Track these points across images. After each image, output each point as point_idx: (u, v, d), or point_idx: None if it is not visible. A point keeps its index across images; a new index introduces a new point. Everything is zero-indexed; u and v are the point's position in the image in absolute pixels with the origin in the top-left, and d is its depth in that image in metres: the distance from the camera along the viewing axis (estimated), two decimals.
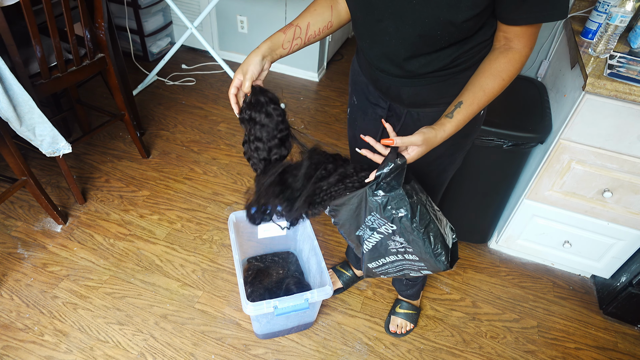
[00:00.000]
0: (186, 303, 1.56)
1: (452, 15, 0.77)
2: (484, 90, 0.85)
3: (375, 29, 0.89)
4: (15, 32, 1.37)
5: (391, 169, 0.86)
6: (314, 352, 1.46)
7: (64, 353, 1.39)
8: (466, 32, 0.82)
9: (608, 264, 1.64)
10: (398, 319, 1.53)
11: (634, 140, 1.30)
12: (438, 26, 0.80)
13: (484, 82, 0.85)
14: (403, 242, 0.95)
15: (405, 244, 0.95)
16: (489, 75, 0.85)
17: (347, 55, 3.14)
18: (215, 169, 2.11)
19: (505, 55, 0.84)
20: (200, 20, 2.30)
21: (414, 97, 0.97)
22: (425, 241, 0.93)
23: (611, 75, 1.21)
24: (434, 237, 0.94)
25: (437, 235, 0.94)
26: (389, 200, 0.90)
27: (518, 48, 0.83)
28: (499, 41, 0.86)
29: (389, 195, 0.90)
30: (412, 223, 0.91)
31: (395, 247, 0.98)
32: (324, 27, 0.97)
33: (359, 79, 1.09)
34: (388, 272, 1.07)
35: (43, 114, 1.45)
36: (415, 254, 0.96)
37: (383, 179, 0.88)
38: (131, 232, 1.79)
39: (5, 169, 1.94)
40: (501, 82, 0.85)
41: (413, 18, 0.81)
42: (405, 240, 0.94)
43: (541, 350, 1.53)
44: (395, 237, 0.95)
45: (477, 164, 1.54)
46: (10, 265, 1.62)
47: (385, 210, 0.91)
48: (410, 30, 0.83)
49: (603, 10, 1.38)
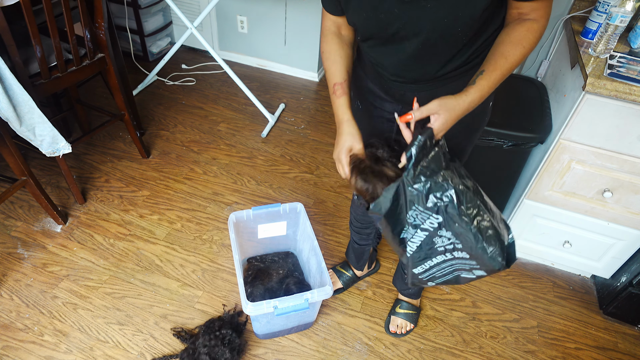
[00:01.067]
0: (186, 303, 1.56)
1: (470, 9, 0.77)
2: (505, 57, 0.83)
3: (390, 43, 0.88)
4: (15, 32, 1.37)
5: (420, 145, 0.80)
6: (314, 352, 1.46)
7: (63, 353, 1.39)
8: (483, 22, 0.82)
9: (608, 264, 1.64)
10: (398, 319, 1.53)
11: (634, 140, 1.30)
12: (457, 23, 0.79)
13: (504, 50, 0.83)
14: (450, 236, 0.84)
15: (453, 238, 0.85)
16: (508, 43, 0.83)
17: None
18: (215, 169, 2.11)
19: (523, 25, 0.83)
20: (200, 20, 2.30)
21: (430, 99, 0.97)
22: (476, 234, 0.82)
23: (611, 75, 1.21)
24: (485, 228, 0.83)
25: (488, 227, 0.84)
26: (431, 187, 0.81)
27: (535, 18, 0.82)
28: (512, 17, 0.85)
29: (430, 180, 0.81)
30: (459, 212, 0.81)
31: (443, 245, 0.87)
32: (352, 59, 1.03)
33: (363, 84, 1.09)
34: (436, 277, 0.95)
35: (43, 114, 1.45)
36: (465, 250, 0.85)
37: (417, 159, 0.81)
38: (131, 232, 1.79)
39: (5, 169, 1.94)
40: (522, 49, 0.83)
41: (431, 22, 0.80)
42: (453, 233, 0.84)
43: (541, 350, 1.53)
44: (442, 231, 0.85)
45: (477, 164, 1.54)
46: (10, 265, 1.62)
47: (427, 199, 0.82)
48: (430, 35, 0.82)
49: (603, 10, 1.38)
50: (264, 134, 2.34)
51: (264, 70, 2.90)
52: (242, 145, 2.27)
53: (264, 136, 2.34)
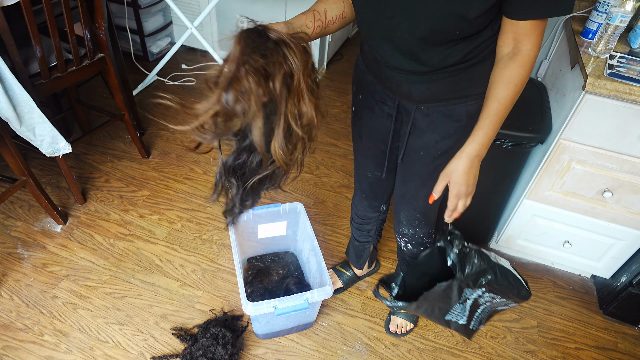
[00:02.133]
0: (186, 303, 1.56)
1: (464, 9, 0.77)
2: (498, 101, 0.87)
3: (386, 27, 0.88)
4: (15, 32, 1.37)
5: (451, 242, 1.02)
6: (314, 352, 1.46)
7: (63, 353, 1.39)
8: (477, 27, 0.83)
9: (608, 264, 1.64)
10: (398, 319, 1.53)
11: (634, 140, 1.30)
12: (450, 20, 0.80)
13: (496, 93, 0.87)
14: (491, 295, 1.07)
15: (493, 294, 1.06)
16: (500, 84, 0.87)
17: (347, 55, 3.13)
18: (215, 169, 2.10)
19: (514, 61, 0.84)
20: (200, 20, 2.30)
21: (426, 93, 0.97)
22: (510, 284, 1.05)
23: (611, 75, 1.21)
24: (512, 274, 1.06)
25: (509, 274, 1.06)
26: (477, 274, 1.02)
27: (526, 50, 0.83)
28: (507, 45, 0.86)
29: (476, 270, 1.02)
30: (497, 281, 1.03)
31: (484, 300, 1.09)
32: (340, 16, 0.96)
33: (365, 78, 1.09)
34: (481, 320, 1.17)
35: (43, 114, 1.44)
36: (503, 297, 1.08)
37: (461, 265, 1.01)
38: (131, 232, 1.79)
39: (5, 169, 1.94)
40: (514, 88, 0.86)
41: (425, 13, 0.81)
42: (494, 294, 1.06)
43: (541, 350, 1.53)
44: (485, 295, 1.06)
45: None
46: (10, 265, 1.62)
47: (476, 283, 1.03)
48: (422, 26, 0.83)
49: (603, 10, 1.38)
50: None
51: None
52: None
53: None
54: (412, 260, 1.37)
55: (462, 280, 1.01)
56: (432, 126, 1.03)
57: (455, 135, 1.03)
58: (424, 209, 1.20)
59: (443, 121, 1.01)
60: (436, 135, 1.04)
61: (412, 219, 1.24)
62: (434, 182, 1.14)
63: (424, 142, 1.06)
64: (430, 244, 1.34)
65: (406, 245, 1.33)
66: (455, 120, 1.01)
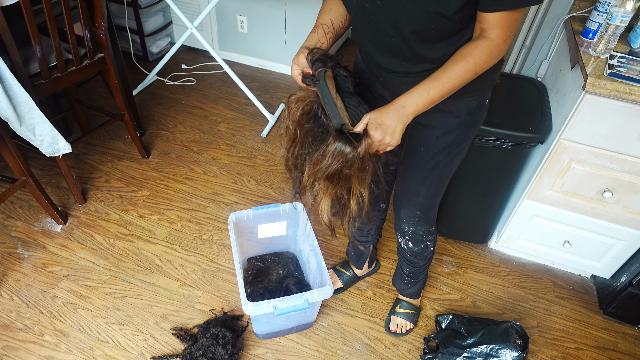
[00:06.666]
0: (186, 303, 1.56)
1: (442, 7, 0.79)
2: (444, 69, 0.86)
3: (374, 32, 0.91)
4: (15, 32, 1.37)
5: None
6: (314, 352, 1.46)
7: (64, 353, 1.39)
8: (459, 24, 0.84)
9: (608, 264, 1.64)
10: (398, 319, 1.53)
11: (634, 140, 1.30)
12: (430, 19, 0.82)
13: (448, 63, 0.86)
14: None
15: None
16: (454, 57, 0.86)
17: (347, 55, 3.13)
18: (215, 169, 2.11)
19: (476, 42, 0.84)
20: (200, 20, 2.30)
21: None
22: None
23: (611, 75, 1.21)
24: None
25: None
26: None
27: (491, 38, 0.83)
28: (476, 32, 0.87)
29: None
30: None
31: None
32: (345, 20, 1.00)
33: (366, 77, 1.10)
34: None
35: (43, 114, 1.45)
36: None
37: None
38: (131, 232, 1.79)
39: (5, 169, 1.94)
40: (465, 64, 0.84)
41: (406, 16, 0.83)
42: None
43: (541, 350, 1.53)
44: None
45: (477, 164, 1.54)
46: (10, 265, 1.62)
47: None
48: (406, 29, 0.85)
49: (603, 10, 1.38)
50: (264, 134, 2.34)
51: (264, 70, 2.90)
52: (242, 145, 2.27)
53: (264, 136, 2.34)
54: None
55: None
56: (432, 122, 1.03)
57: (455, 131, 1.03)
58: (424, 206, 1.21)
59: (443, 117, 1.02)
60: (436, 131, 1.04)
61: (412, 216, 1.24)
62: (434, 178, 1.14)
63: (424, 139, 1.07)
64: (430, 241, 1.34)
65: (407, 243, 1.34)
66: (455, 116, 1.01)
